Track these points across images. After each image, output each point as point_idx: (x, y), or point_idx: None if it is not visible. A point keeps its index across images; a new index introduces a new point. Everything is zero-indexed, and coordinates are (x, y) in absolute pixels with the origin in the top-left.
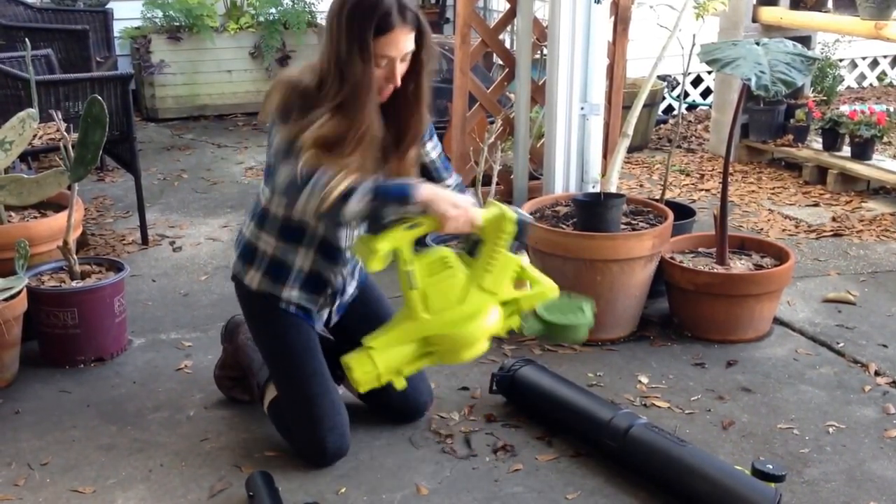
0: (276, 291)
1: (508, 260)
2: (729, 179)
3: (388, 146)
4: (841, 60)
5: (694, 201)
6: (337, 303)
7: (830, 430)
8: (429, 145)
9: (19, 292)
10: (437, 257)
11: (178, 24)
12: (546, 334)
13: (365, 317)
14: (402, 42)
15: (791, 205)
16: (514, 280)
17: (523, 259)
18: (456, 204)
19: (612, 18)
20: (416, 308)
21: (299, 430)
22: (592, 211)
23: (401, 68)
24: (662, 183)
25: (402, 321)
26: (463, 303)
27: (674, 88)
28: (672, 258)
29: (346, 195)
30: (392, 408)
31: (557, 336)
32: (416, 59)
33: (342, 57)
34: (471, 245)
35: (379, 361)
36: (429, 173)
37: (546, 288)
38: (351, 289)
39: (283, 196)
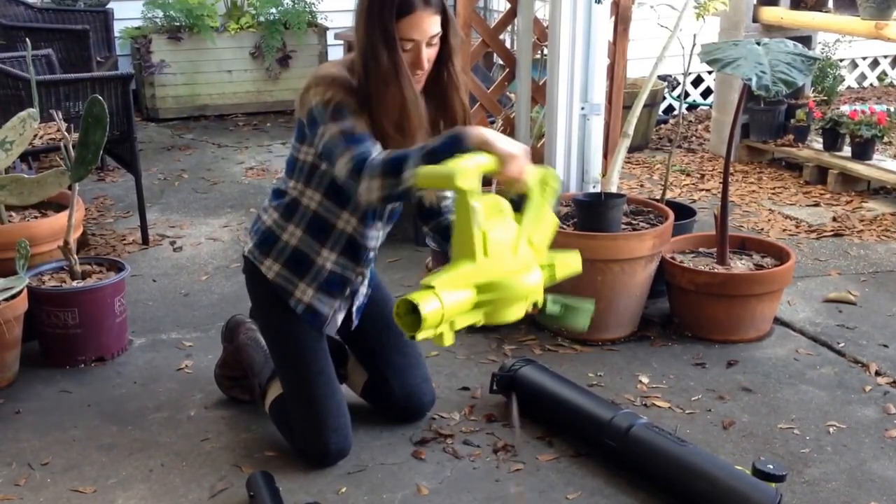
0: (292, 286)
1: (552, 220)
2: (729, 179)
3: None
4: (841, 60)
5: (694, 201)
6: (356, 304)
7: (831, 430)
8: None
9: (20, 292)
10: (494, 202)
11: (178, 24)
12: (560, 315)
13: (373, 317)
14: (426, 24)
15: (791, 205)
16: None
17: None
18: (514, 144)
19: (613, 18)
20: (479, 250)
21: (302, 429)
22: (593, 211)
23: (427, 53)
24: (663, 183)
25: (460, 264)
26: (516, 254)
27: (674, 88)
28: (673, 258)
29: (396, 168)
30: (394, 408)
31: (569, 319)
32: (445, 44)
33: (367, 45)
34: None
35: (445, 300)
36: None
37: (575, 258)
38: (365, 289)
39: (345, 179)
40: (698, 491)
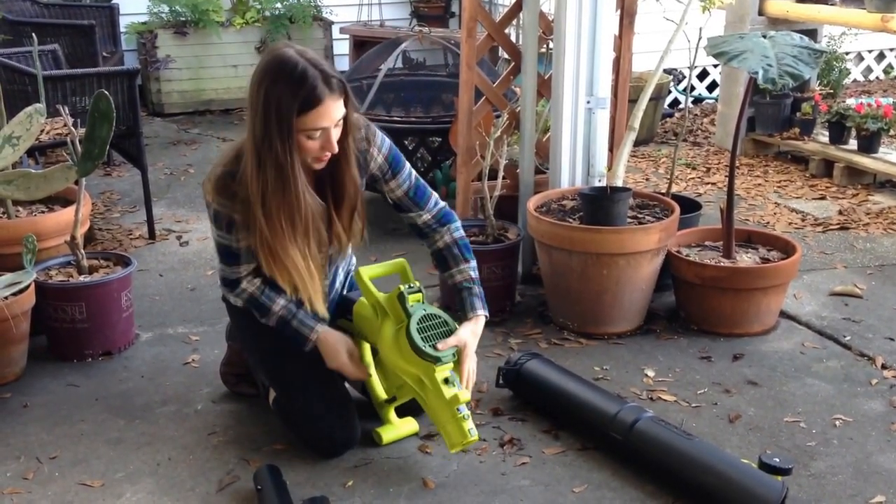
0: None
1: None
2: (735, 173)
3: (329, 212)
4: (847, 53)
5: (700, 195)
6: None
7: (837, 423)
8: (392, 183)
9: (27, 287)
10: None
11: (184, 19)
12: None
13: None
14: (332, 111)
15: (797, 198)
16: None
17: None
18: (336, 361)
19: (618, 12)
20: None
21: (306, 423)
22: (599, 205)
23: (335, 133)
24: (669, 176)
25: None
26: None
27: (680, 82)
28: (678, 252)
29: (258, 310)
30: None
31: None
32: (345, 121)
33: (258, 138)
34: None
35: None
36: (402, 209)
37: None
38: (335, 287)
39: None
40: (704, 484)
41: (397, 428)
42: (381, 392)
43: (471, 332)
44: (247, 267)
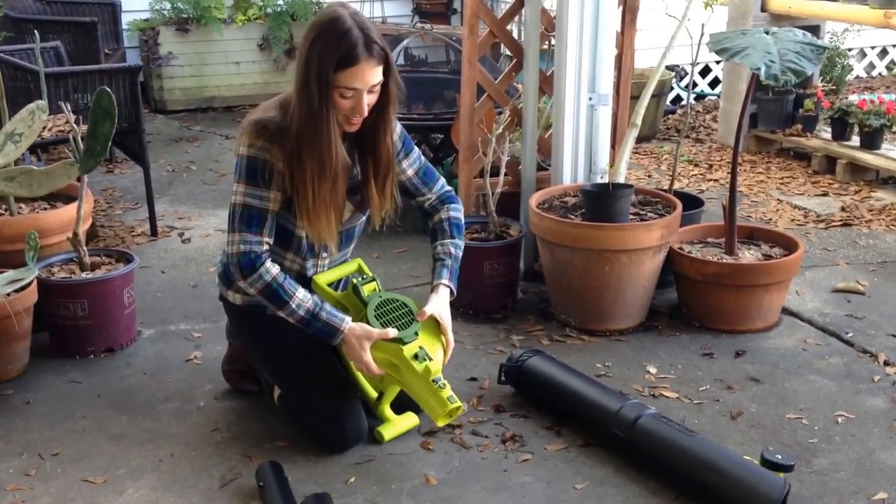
0: (262, 307)
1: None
2: (737, 169)
3: (367, 174)
4: (850, 50)
5: (702, 191)
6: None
7: (839, 419)
8: (405, 163)
9: (30, 284)
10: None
11: (186, 15)
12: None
13: None
14: (368, 75)
15: (800, 195)
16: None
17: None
18: (359, 358)
19: (621, 8)
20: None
21: (315, 418)
22: (601, 201)
23: (368, 99)
24: (671, 173)
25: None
26: None
27: (682, 78)
28: (681, 248)
29: (274, 300)
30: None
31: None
32: (385, 90)
33: (303, 86)
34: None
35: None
36: (411, 191)
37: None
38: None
39: (227, 259)
40: (707, 481)
41: (397, 424)
42: (370, 390)
43: (440, 304)
44: (269, 239)
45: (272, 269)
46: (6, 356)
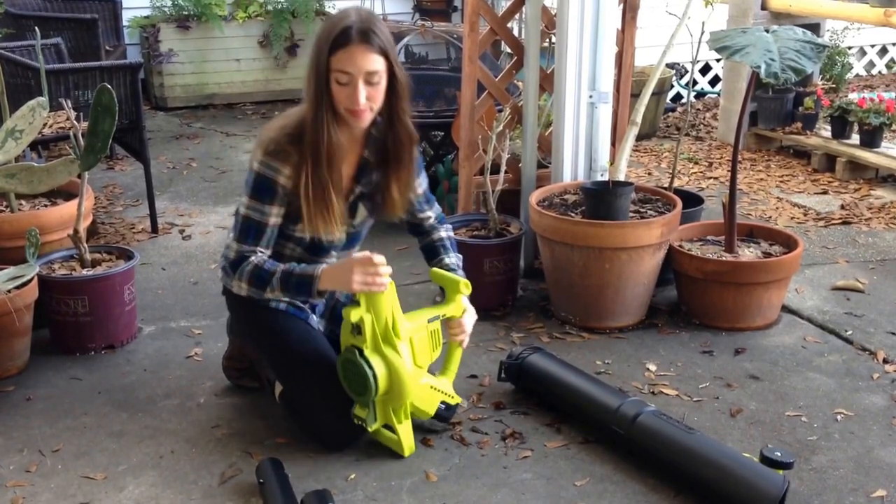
0: (265, 299)
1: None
2: (737, 167)
3: (387, 174)
4: (850, 48)
5: (702, 189)
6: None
7: (839, 417)
8: (415, 181)
9: (30, 280)
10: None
11: (186, 12)
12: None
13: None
14: (360, 60)
15: (800, 192)
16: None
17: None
18: (348, 280)
19: (621, 6)
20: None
21: (316, 414)
22: (601, 199)
23: (368, 90)
24: (671, 171)
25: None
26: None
27: (682, 76)
28: (680, 246)
29: (260, 284)
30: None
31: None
32: (391, 86)
33: (306, 77)
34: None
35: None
36: (415, 210)
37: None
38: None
39: (224, 263)
40: (706, 478)
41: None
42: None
43: (468, 302)
44: (266, 250)
45: (254, 260)
46: (7, 353)
